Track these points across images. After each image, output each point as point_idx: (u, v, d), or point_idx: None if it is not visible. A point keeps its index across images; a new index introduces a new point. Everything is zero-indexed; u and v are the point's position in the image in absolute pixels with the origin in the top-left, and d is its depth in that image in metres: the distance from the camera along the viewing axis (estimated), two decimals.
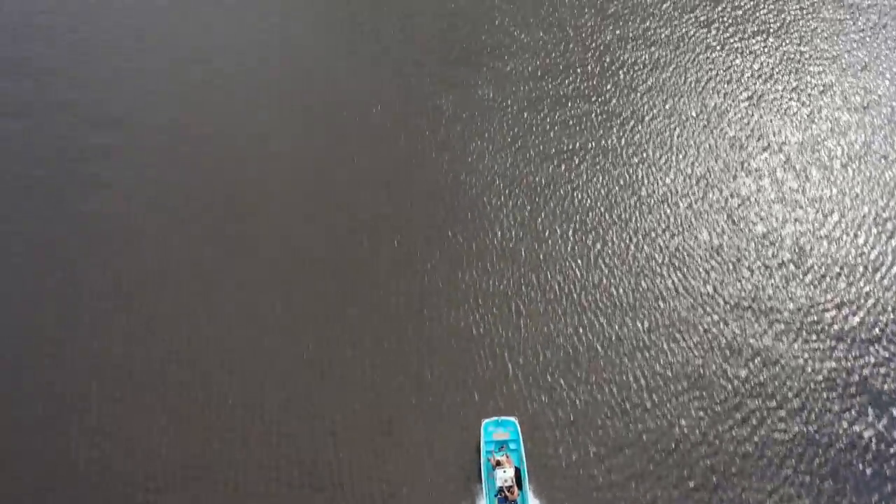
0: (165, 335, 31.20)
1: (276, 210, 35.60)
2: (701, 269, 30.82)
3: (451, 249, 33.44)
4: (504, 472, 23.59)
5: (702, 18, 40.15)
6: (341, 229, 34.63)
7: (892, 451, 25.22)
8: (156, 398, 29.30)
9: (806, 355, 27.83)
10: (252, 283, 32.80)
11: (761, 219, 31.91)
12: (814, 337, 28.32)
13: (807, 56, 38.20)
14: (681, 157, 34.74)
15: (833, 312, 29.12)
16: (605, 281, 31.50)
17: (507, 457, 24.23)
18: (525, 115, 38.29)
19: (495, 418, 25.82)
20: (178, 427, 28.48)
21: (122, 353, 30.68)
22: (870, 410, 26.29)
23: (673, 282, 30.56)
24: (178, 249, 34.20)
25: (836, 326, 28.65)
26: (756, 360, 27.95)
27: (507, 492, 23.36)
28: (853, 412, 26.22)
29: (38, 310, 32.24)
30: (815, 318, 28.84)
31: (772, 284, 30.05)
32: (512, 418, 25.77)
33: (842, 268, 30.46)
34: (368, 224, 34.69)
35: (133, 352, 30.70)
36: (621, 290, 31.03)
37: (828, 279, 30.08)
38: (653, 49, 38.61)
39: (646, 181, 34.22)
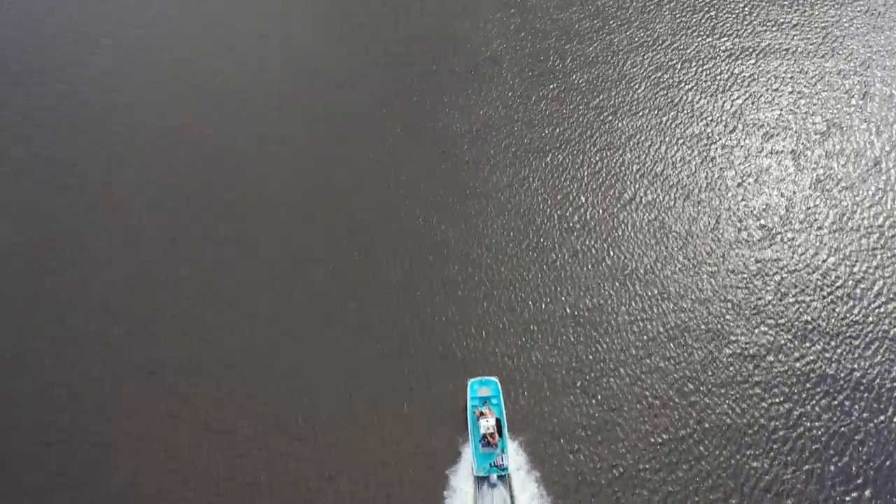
0: (165, 335, 31.25)
1: (276, 210, 35.62)
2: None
3: (450, 249, 33.57)
4: (487, 421, 27.41)
5: (708, 145, 36.53)
6: (341, 229, 34.66)
7: None
8: (155, 398, 29.36)
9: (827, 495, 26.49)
10: (252, 283, 32.83)
11: (780, 362, 29.50)
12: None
13: (823, 183, 35.05)
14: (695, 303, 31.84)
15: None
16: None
17: (490, 409, 27.92)
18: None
19: (479, 378, 29.21)
20: (178, 426, 28.56)
21: (122, 353, 30.74)
22: None
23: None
24: (178, 249, 34.24)
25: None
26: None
27: (489, 437, 27.19)
28: None
29: (38, 310, 32.29)
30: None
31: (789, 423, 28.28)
32: (493, 378, 29.18)
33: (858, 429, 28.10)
34: (368, 224, 34.74)
35: (133, 352, 30.76)
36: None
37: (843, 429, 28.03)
38: (665, 179, 35.58)
39: (660, 330, 31.18)
